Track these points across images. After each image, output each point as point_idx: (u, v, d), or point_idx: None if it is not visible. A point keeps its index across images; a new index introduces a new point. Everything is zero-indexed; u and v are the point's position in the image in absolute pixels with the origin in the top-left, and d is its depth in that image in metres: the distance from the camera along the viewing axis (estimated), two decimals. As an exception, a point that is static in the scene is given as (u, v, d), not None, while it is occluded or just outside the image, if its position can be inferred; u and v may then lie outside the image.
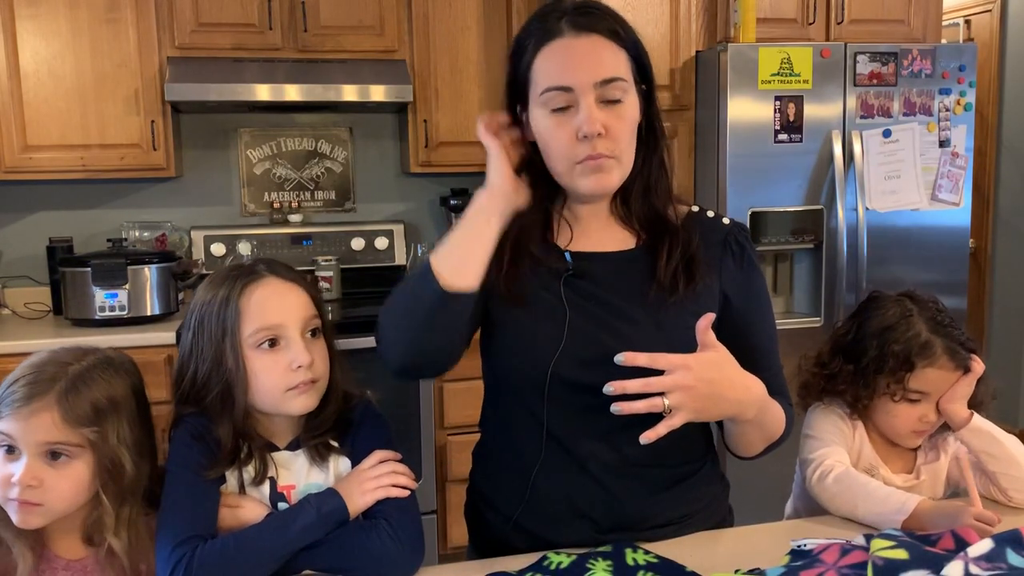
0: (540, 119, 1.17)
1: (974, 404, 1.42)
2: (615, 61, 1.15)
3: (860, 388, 1.45)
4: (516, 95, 1.21)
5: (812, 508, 1.40)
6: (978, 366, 1.41)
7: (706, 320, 1.09)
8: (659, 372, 1.05)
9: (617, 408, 1.03)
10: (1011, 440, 1.40)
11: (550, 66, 1.15)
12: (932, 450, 1.49)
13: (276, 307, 1.16)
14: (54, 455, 1.08)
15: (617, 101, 1.15)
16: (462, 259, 1.13)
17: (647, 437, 1.04)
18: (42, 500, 1.07)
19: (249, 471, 1.17)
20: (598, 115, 1.12)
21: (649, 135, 1.23)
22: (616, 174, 1.17)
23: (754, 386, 1.14)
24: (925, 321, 1.42)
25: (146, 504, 1.16)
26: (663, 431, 1.04)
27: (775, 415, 1.22)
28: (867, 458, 1.46)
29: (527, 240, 1.22)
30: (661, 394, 1.04)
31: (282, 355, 1.15)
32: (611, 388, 1.04)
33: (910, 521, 1.23)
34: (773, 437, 1.25)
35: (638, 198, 1.24)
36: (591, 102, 1.13)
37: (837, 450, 1.42)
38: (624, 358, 1.04)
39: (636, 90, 1.18)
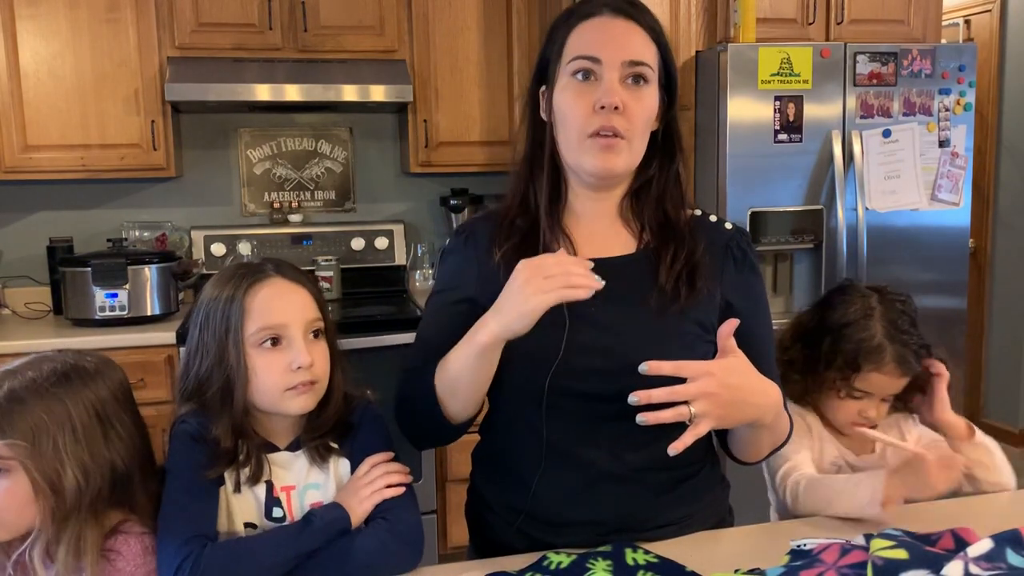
0: (562, 90, 1.19)
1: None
2: (645, 49, 1.18)
3: (809, 381, 1.47)
4: (543, 74, 1.23)
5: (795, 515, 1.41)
6: (940, 368, 1.44)
7: (729, 326, 1.08)
8: (664, 381, 1.02)
9: (643, 418, 1.01)
10: (996, 447, 1.44)
11: (583, 38, 1.19)
12: (893, 428, 1.50)
13: (280, 307, 1.16)
14: None
15: (640, 83, 1.17)
16: (469, 398, 1.17)
17: (675, 448, 1.03)
18: None
19: (246, 472, 1.18)
20: (619, 90, 1.15)
21: (666, 143, 1.25)
22: (624, 158, 1.18)
23: (771, 391, 1.14)
24: (884, 324, 1.42)
25: (127, 511, 1.13)
26: (690, 440, 1.03)
27: (785, 418, 1.23)
28: (831, 449, 1.47)
29: (527, 252, 1.21)
30: (685, 402, 1.02)
31: (283, 355, 1.15)
32: (636, 398, 1.01)
33: (889, 504, 1.23)
34: (779, 441, 1.25)
35: (651, 203, 1.25)
36: (615, 77, 1.16)
37: (797, 459, 1.41)
38: (648, 367, 1.01)
39: (659, 90, 1.21)
